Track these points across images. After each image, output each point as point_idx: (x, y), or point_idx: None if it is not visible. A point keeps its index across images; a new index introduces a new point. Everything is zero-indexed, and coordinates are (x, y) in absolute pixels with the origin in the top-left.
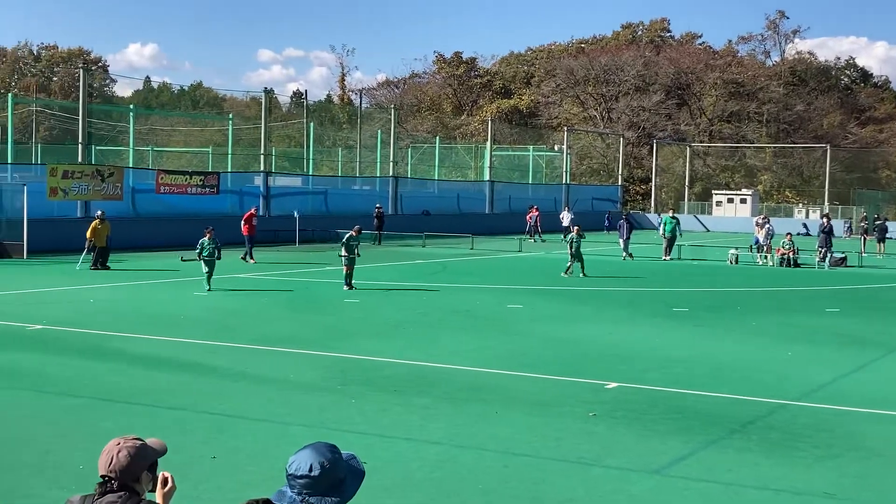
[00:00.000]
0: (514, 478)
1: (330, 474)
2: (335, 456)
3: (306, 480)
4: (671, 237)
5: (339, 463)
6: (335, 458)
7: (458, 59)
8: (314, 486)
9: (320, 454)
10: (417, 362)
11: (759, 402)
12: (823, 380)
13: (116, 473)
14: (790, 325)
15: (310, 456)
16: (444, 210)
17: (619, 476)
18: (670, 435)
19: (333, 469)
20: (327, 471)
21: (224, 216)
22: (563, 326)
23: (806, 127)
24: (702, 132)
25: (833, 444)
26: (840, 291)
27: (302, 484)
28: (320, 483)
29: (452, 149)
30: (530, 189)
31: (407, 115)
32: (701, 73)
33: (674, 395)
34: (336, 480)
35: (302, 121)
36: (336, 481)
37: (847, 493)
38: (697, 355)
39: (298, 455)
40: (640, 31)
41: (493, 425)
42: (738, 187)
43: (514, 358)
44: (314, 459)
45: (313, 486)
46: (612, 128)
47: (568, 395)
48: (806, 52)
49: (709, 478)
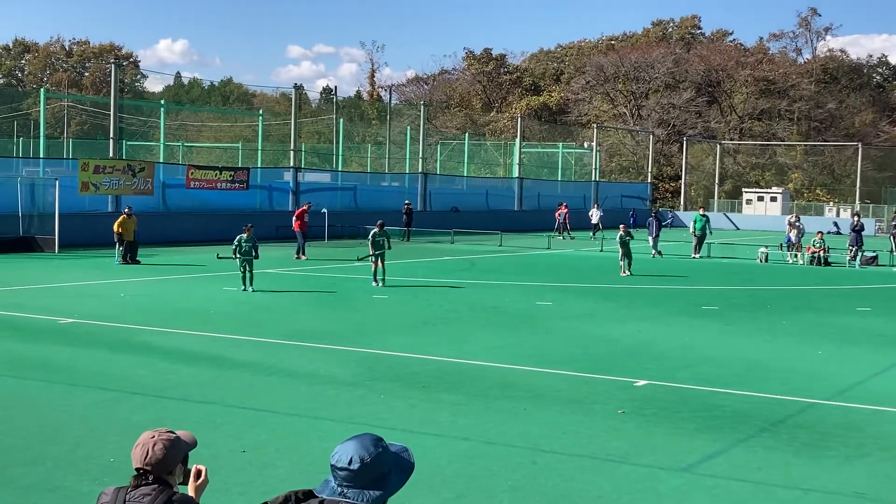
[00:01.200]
0: (543, 474)
1: (371, 469)
2: (378, 450)
3: (346, 473)
4: (701, 235)
5: (383, 457)
6: (378, 452)
7: (487, 55)
8: (354, 480)
9: (363, 448)
10: (446, 359)
11: (790, 402)
12: (854, 379)
13: (152, 466)
14: (821, 324)
15: (352, 448)
16: (473, 207)
17: (647, 474)
18: (699, 433)
19: (375, 464)
20: (368, 465)
21: (254, 211)
22: (593, 324)
23: (837, 125)
24: (732, 130)
25: (863, 443)
26: (871, 290)
27: (343, 476)
28: (361, 477)
29: (481, 145)
30: (559, 186)
31: (436, 112)
32: (732, 70)
33: (703, 393)
34: (378, 475)
35: (331, 117)
36: (378, 476)
37: (877, 493)
38: (727, 354)
39: (342, 446)
40: (671, 29)
41: (522, 422)
42: (769, 185)
43: (543, 355)
44: (356, 452)
45: (353, 480)
46: (642, 125)
47: (597, 393)
48: (837, 50)
49: (738, 476)
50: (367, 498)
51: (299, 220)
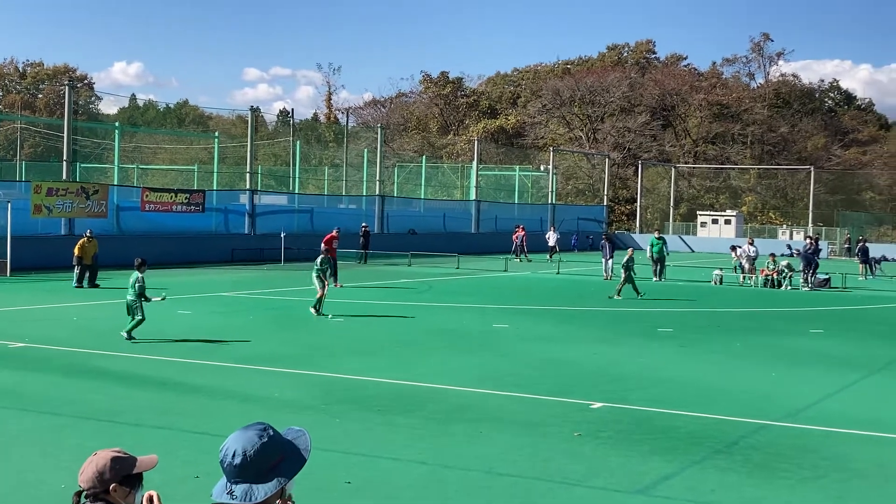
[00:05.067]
0: (499, 498)
1: (257, 461)
2: (264, 440)
3: (231, 468)
4: (659, 258)
5: (270, 446)
6: (264, 442)
7: (444, 78)
8: (241, 474)
9: (246, 439)
10: (403, 381)
11: (743, 423)
12: (807, 401)
13: (88, 485)
14: (774, 345)
15: (235, 441)
16: (431, 229)
17: (603, 496)
18: (654, 455)
19: (261, 455)
20: (252, 458)
21: (209, 234)
22: (549, 346)
23: (790, 149)
24: (686, 153)
25: (817, 465)
26: (823, 313)
27: (229, 472)
28: (247, 470)
29: (439, 168)
30: (516, 209)
31: (393, 135)
32: (686, 94)
33: (658, 415)
34: (267, 466)
35: (288, 139)
36: (267, 467)
37: None
38: (682, 375)
39: (228, 440)
40: (626, 53)
41: (478, 445)
42: (723, 208)
43: (499, 378)
44: (239, 445)
45: (240, 474)
46: (598, 148)
47: (553, 415)
48: (790, 75)
49: (692, 498)
50: (254, 495)
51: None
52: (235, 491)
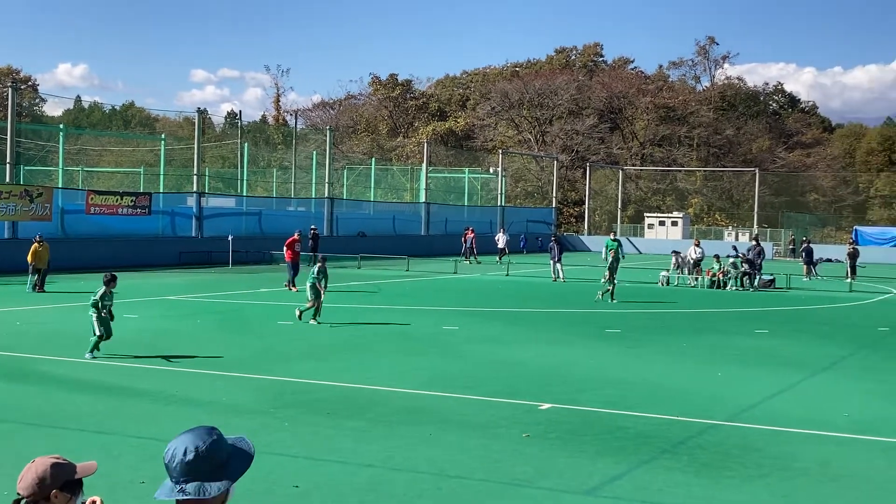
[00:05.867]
0: (448, 500)
1: (208, 458)
2: (213, 437)
3: (181, 466)
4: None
5: (219, 445)
6: (214, 440)
7: (393, 81)
8: (191, 472)
9: (196, 438)
10: (352, 385)
11: (690, 423)
12: (753, 400)
13: (28, 491)
14: (720, 346)
15: (185, 441)
16: (380, 232)
17: (551, 497)
18: (603, 455)
19: (211, 452)
20: (203, 454)
21: (156, 237)
22: (498, 348)
23: (735, 151)
24: (634, 156)
25: (762, 464)
26: (769, 313)
27: (179, 471)
28: (198, 467)
29: (388, 170)
30: (466, 211)
31: (342, 137)
32: (633, 97)
33: (606, 415)
34: (216, 464)
35: (236, 141)
36: (216, 464)
37: None
38: (630, 376)
39: (173, 442)
40: (574, 56)
41: (427, 447)
42: (670, 210)
43: (449, 379)
44: (189, 443)
45: (190, 472)
46: (547, 151)
47: (502, 417)
48: (735, 78)
49: (640, 498)
50: (207, 491)
51: (290, 250)
52: (187, 488)
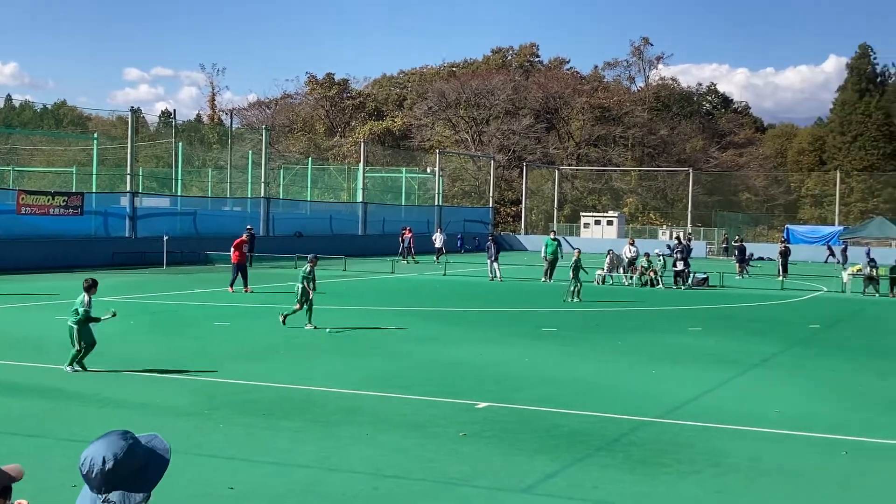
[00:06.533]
0: (384, 500)
1: (126, 464)
2: (130, 442)
3: (100, 476)
4: (553, 259)
5: (136, 449)
6: (130, 444)
7: (330, 80)
8: (111, 481)
9: (111, 444)
10: (288, 385)
11: (625, 420)
12: (686, 397)
13: None
14: (654, 343)
15: (100, 449)
16: (317, 231)
17: (487, 495)
18: (538, 453)
19: (129, 457)
20: (122, 461)
21: (89, 238)
22: (436, 347)
23: (669, 151)
24: (570, 155)
25: (695, 460)
26: (702, 311)
27: (98, 480)
28: (117, 475)
29: (325, 170)
30: (403, 210)
31: (279, 136)
32: (569, 97)
33: (542, 413)
34: (135, 469)
35: (170, 140)
36: (135, 469)
37: None
38: (565, 374)
39: (88, 451)
40: (510, 56)
41: (364, 447)
42: (605, 209)
43: (386, 379)
44: (106, 452)
45: (110, 481)
46: (483, 150)
47: (439, 416)
48: (669, 79)
49: (575, 495)
50: (132, 499)
51: (237, 252)
52: (112, 497)
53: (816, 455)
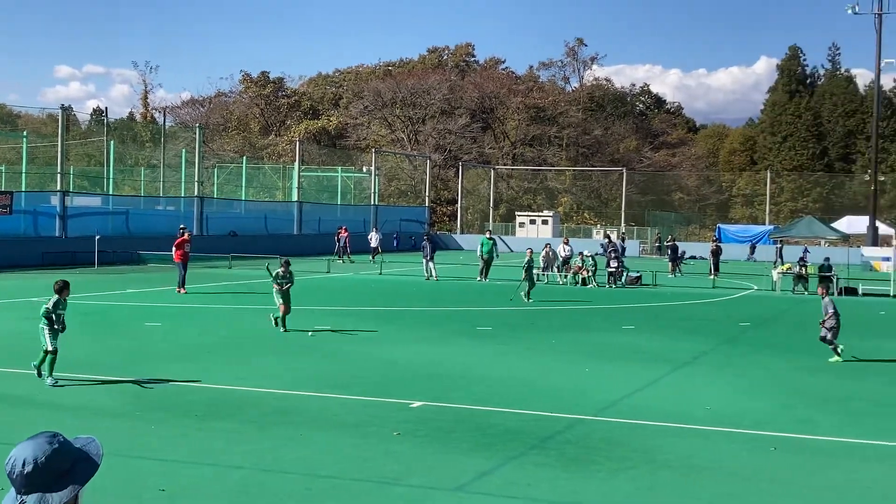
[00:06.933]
0: (318, 500)
1: (48, 467)
2: (55, 446)
3: (21, 478)
4: (488, 258)
5: (62, 452)
6: (55, 448)
7: (265, 78)
8: (32, 483)
9: (36, 447)
10: (223, 386)
11: (558, 418)
12: (619, 395)
13: None
14: (588, 342)
15: (24, 451)
16: (252, 231)
17: (421, 494)
18: (473, 452)
19: (53, 461)
20: (43, 464)
21: (17, 238)
22: (371, 346)
23: (603, 151)
24: (505, 155)
25: (627, 457)
26: (635, 309)
27: (19, 483)
28: (38, 477)
29: (260, 169)
30: (339, 210)
31: (213, 135)
32: (504, 97)
33: (477, 412)
34: (59, 472)
35: (102, 139)
36: (59, 473)
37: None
38: (500, 373)
39: (14, 451)
40: (446, 56)
41: (298, 448)
42: (540, 209)
43: (322, 379)
44: (29, 454)
45: (31, 483)
46: (420, 150)
47: (374, 416)
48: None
49: (509, 493)
50: (49, 501)
51: (179, 251)
52: (27, 500)
53: (746, 451)
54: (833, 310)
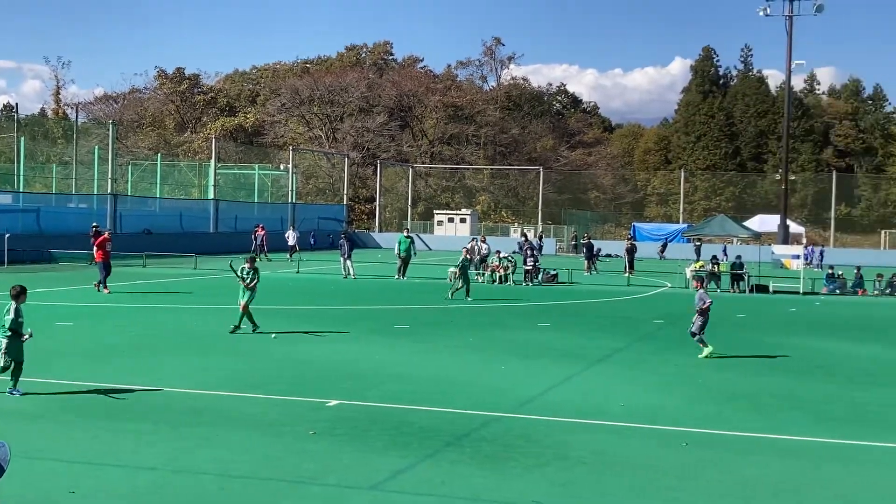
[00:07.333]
0: (232, 500)
1: None
2: None
3: None
4: (406, 256)
5: None
6: None
7: (180, 75)
8: None
9: None
10: (136, 386)
11: (474, 416)
12: (534, 392)
13: None
14: (505, 339)
15: None
16: (167, 229)
17: (336, 493)
18: (388, 450)
19: None
20: None
21: None
22: (287, 346)
23: (521, 150)
24: (423, 153)
25: (542, 453)
26: (551, 307)
27: None
28: None
29: (175, 166)
30: (256, 208)
31: (127, 132)
32: (422, 96)
33: (393, 410)
34: None
35: (12, 135)
36: None
37: (555, 500)
38: (416, 371)
39: None
40: (364, 54)
41: (212, 448)
42: (458, 207)
43: (237, 379)
44: None
45: None
46: (338, 148)
47: (290, 415)
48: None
49: (423, 491)
50: None
51: (100, 250)
52: None
53: (659, 447)
54: (709, 301)
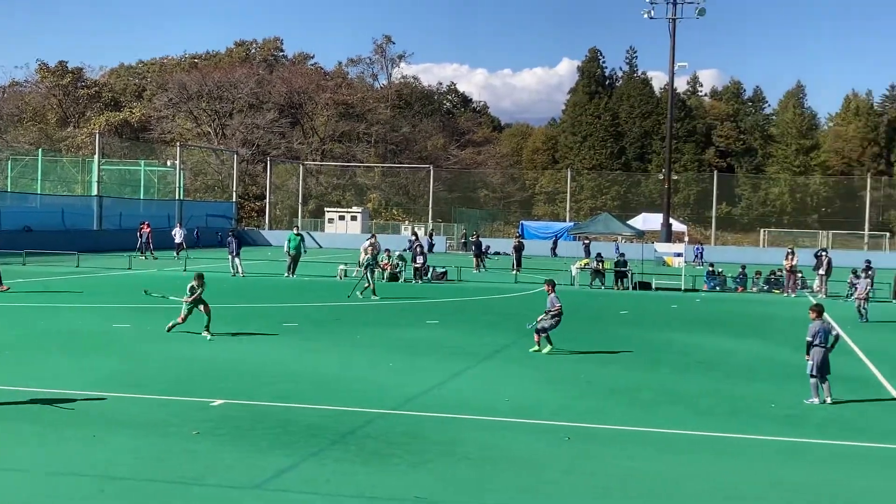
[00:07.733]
0: (111, 502)
1: None
2: None
3: None
4: (296, 254)
5: None
6: None
7: (63, 68)
8: None
9: None
10: (11, 387)
11: (360, 413)
12: (421, 388)
13: None
14: (393, 337)
15: None
16: (48, 226)
17: (219, 493)
18: (273, 449)
19: None
20: None
21: None
22: (172, 345)
23: (412, 148)
24: (314, 151)
25: (427, 450)
26: (440, 304)
27: None
28: None
29: (58, 162)
30: (142, 205)
31: (6, 126)
32: (313, 93)
33: (279, 409)
34: None
35: None
36: None
37: (438, 495)
38: (304, 369)
39: None
40: (254, 50)
41: (91, 450)
42: (349, 205)
43: (118, 378)
44: None
45: None
46: (227, 144)
47: (172, 415)
48: (411, 77)
49: (308, 489)
50: None
51: None
52: None
53: (543, 441)
54: (559, 305)
